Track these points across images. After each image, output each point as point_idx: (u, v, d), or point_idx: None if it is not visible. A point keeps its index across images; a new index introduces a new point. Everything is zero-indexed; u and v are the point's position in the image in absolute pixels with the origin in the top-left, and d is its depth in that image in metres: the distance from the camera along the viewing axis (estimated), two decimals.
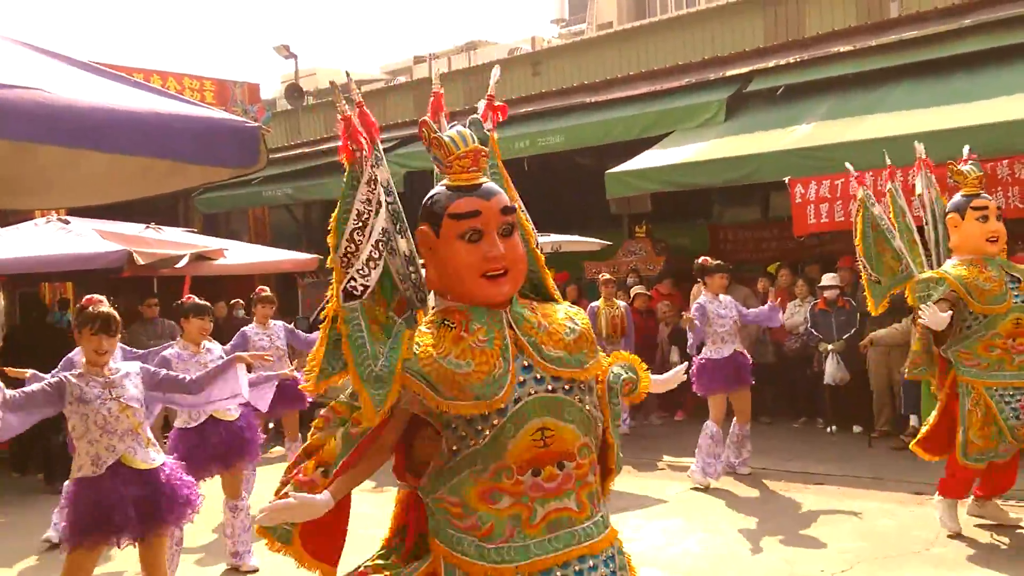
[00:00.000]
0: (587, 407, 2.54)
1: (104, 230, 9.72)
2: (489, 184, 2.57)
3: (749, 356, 8.16)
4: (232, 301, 11.94)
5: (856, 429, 9.49)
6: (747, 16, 14.59)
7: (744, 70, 11.52)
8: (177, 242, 10.31)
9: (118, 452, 4.42)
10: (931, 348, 6.00)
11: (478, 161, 2.55)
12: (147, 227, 10.59)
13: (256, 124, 3.37)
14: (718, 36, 14.56)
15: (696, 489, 7.72)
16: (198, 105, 3.46)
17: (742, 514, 6.89)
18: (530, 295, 2.75)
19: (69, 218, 10.03)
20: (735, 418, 7.98)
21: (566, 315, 2.66)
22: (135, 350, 6.90)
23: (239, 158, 3.28)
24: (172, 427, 6.15)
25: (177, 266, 9.64)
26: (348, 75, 2.77)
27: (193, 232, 12.96)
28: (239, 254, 11.03)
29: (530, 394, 2.45)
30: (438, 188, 2.59)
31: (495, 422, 2.41)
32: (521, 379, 2.46)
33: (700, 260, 8.28)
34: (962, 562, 5.56)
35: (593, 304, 10.41)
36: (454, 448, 2.47)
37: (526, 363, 2.49)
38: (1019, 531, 5.96)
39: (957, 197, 5.91)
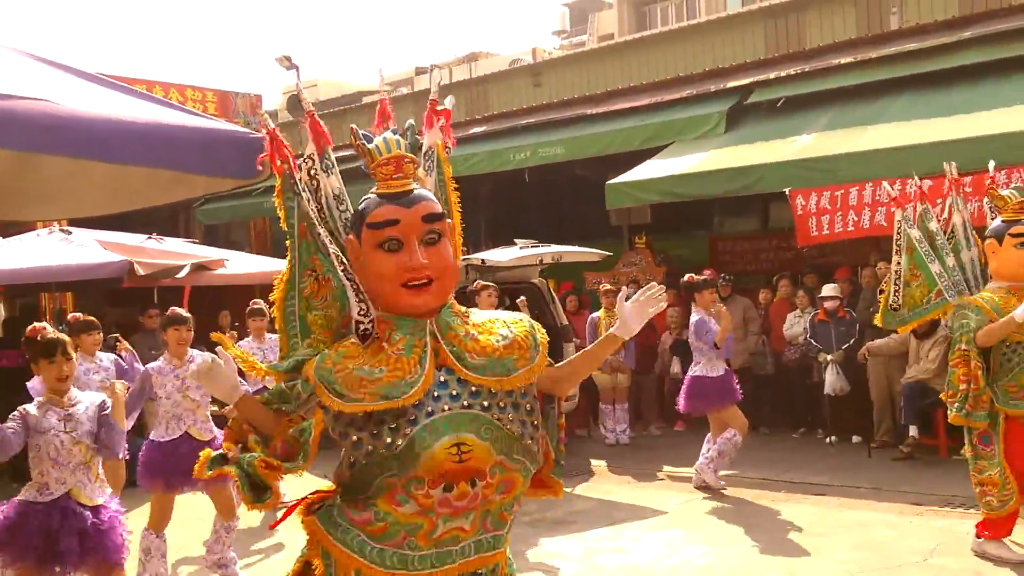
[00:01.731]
0: (508, 424, 2.43)
1: (106, 240, 9.76)
2: (415, 192, 2.51)
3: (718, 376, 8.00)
4: (222, 312, 11.96)
5: (856, 439, 9.49)
6: (748, 28, 14.64)
7: (745, 82, 11.58)
8: (178, 252, 10.34)
9: (68, 485, 4.40)
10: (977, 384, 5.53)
11: (401, 168, 2.50)
12: (148, 237, 10.61)
13: (259, 135, 3.38)
14: (719, 48, 14.60)
15: (703, 495, 7.73)
16: (201, 116, 3.49)
17: (741, 525, 6.89)
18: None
19: (71, 228, 10.06)
20: (726, 431, 7.94)
21: (503, 323, 2.58)
22: (129, 362, 6.92)
23: (242, 169, 3.30)
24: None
25: (177, 276, 9.66)
26: (299, 87, 2.86)
27: (194, 243, 12.98)
28: (240, 264, 11.05)
29: (444, 409, 2.39)
30: (366, 196, 2.57)
31: (406, 431, 2.36)
32: (436, 394, 2.41)
33: (686, 278, 8.25)
34: (961, 572, 5.56)
35: (594, 315, 10.43)
36: (352, 461, 2.43)
37: (444, 377, 2.44)
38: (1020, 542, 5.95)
39: (996, 222, 5.63)
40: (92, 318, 7.14)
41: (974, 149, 8.07)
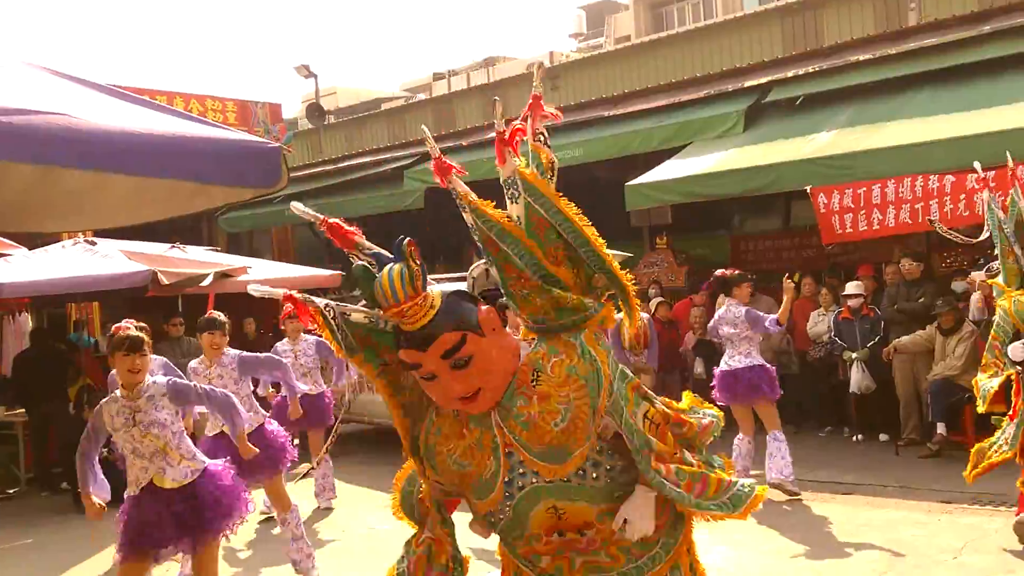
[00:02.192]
0: (594, 482, 2.48)
1: (130, 250, 9.85)
2: (432, 325, 2.38)
3: (772, 368, 8.02)
4: (246, 319, 12.08)
5: (883, 437, 9.43)
6: (765, 27, 14.60)
7: (762, 80, 11.52)
8: (201, 261, 10.42)
9: (149, 473, 4.62)
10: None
11: (404, 315, 2.38)
12: (172, 247, 10.70)
13: (277, 144, 3.41)
14: (736, 47, 14.57)
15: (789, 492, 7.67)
16: (220, 127, 3.52)
17: (768, 526, 6.84)
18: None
19: (96, 239, 10.16)
20: (744, 431, 7.85)
21: (565, 393, 2.45)
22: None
23: (261, 178, 3.33)
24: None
25: (201, 285, 9.73)
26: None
27: (217, 251, 13.08)
28: (262, 271, 11.11)
29: (523, 486, 2.46)
30: None
31: (506, 508, 2.49)
32: (507, 478, 2.47)
33: (718, 273, 8.19)
34: (990, 571, 5.51)
35: (617, 316, 10.38)
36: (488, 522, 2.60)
37: (516, 460, 2.48)
38: None
39: None
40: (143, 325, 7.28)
41: (995, 144, 7.98)
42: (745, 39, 14.66)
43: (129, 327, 4.59)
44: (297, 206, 2.62)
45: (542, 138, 2.67)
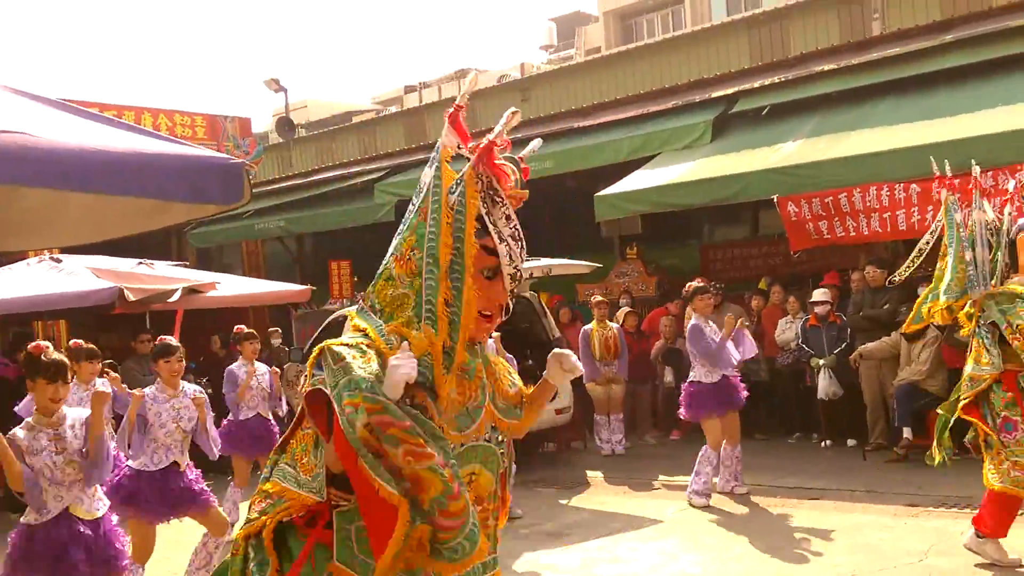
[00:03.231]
0: (503, 460, 2.57)
1: (97, 267, 9.76)
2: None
3: (738, 376, 8.09)
4: (214, 336, 12.03)
5: (850, 443, 9.52)
6: (732, 38, 14.74)
7: (729, 91, 11.65)
8: (169, 277, 10.35)
9: (65, 502, 4.46)
10: None
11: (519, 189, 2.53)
12: (139, 263, 10.62)
13: (239, 160, 3.42)
14: (703, 58, 14.70)
15: (694, 507, 7.73)
16: (181, 143, 3.52)
17: (738, 533, 6.90)
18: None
19: (61, 256, 10.07)
20: (725, 442, 7.92)
21: (503, 367, 2.70)
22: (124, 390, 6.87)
23: (223, 194, 3.32)
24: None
25: (169, 301, 9.67)
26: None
27: (186, 266, 13.00)
28: (231, 286, 11.06)
29: (475, 439, 2.45)
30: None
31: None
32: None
33: (687, 287, 8.28)
34: (956, 573, 5.57)
35: (586, 327, 10.46)
36: None
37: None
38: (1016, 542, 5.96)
39: None
40: (94, 347, 7.17)
41: (958, 151, 8.11)
42: (712, 50, 14.80)
43: (48, 347, 4.39)
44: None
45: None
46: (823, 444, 9.71)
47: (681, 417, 8.26)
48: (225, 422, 7.89)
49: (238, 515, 8.00)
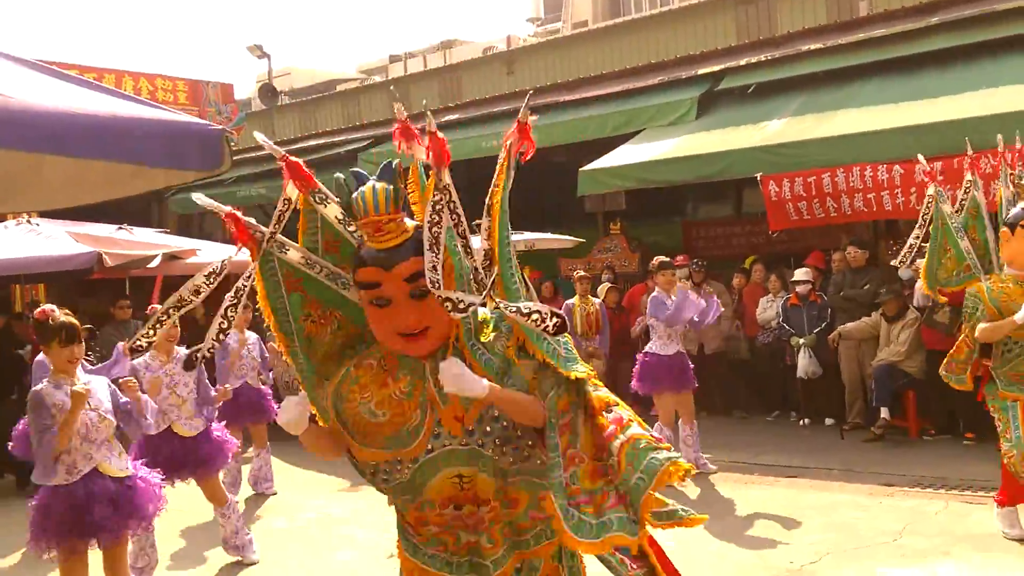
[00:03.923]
0: (501, 458, 2.49)
1: (75, 232, 9.68)
2: (402, 246, 2.40)
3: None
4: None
5: (828, 422, 9.58)
6: (719, 15, 14.69)
7: (716, 68, 11.60)
8: (148, 243, 10.27)
9: (95, 461, 4.50)
10: (972, 358, 5.56)
11: (381, 228, 2.40)
12: (119, 228, 10.54)
13: (220, 127, 3.38)
14: (690, 35, 14.65)
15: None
16: (161, 108, 3.46)
17: (715, 509, 6.93)
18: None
19: (39, 220, 9.97)
20: (681, 420, 7.94)
21: (495, 356, 2.52)
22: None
23: (203, 161, 3.28)
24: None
25: (149, 266, 9.60)
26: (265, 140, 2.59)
27: (166, 233, 12.90)
28: (211, 253, 10.98)
29: (444, 445, 2.47)
30: (360, 242, 2.50)
31: (408, 467, 2.49)
32: (436, 431, 2.47)
33: (654, 261, 8.30)
34: (928, 552, 5.64)
35: (568, 301, 10.45)
36: (376, 477, 2.58)
37: (438, 416, 2.48)
38: (987, 519, 6.02)
39: (1017, 209, 5.40)
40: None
41: (943, 134, 8.14)
42: (700, 27, 14.75)
43: (54, 310, 4.45)
44: (200, 198, 2.61)
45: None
46: (801, 423, 9.77)
47: (633, 389, 8.18)
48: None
49: (240, 485, 8.13)
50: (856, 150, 8.86)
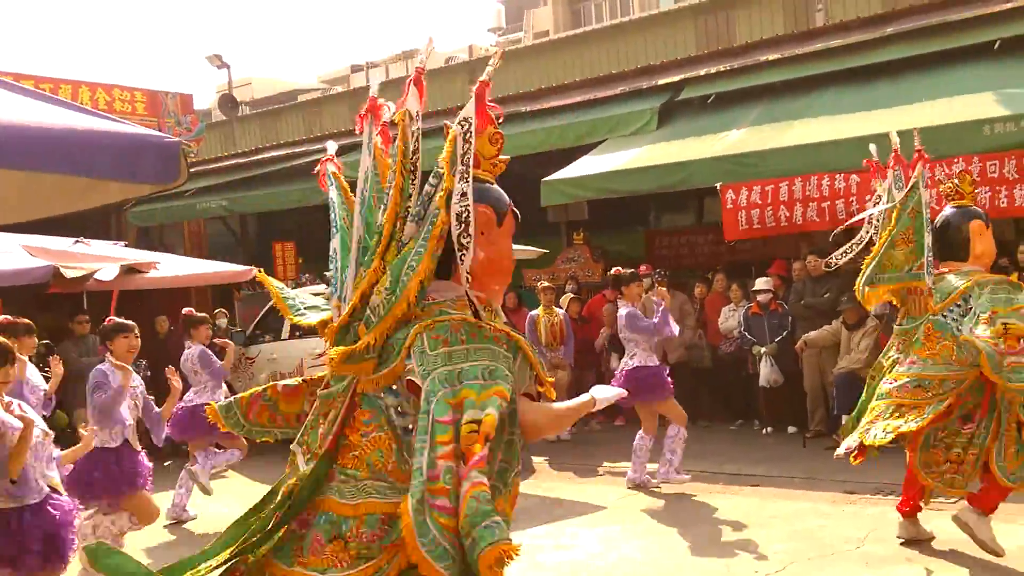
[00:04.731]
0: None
1: (31, 245, 9.49)
2: None
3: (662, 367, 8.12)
4: (158, 317, 11.83)
5: (791, 430, 9.65)
6: (679, 26, 14.82)
7: (676, 78, 11.68)
8: (106, 256, 10.10)
9: (48, 478, 4.41)
10: None
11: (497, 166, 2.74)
12: (76, 241, 10.36)
13: (176, 139, 3.33)
14: (651, 45, 14.75)
15: (635, 490, 7.78)
16: (116, 120, 3.41)
17: (679, 519, 6.95)
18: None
19: None
20: (673, 423, 7.93)
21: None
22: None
23: (159, 174, 3.23)
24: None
25: (106, 279, 9.45)
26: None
27: (125, 245, 12.71)
28: (171, 267, 10.84)
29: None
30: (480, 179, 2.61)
31: None
32: None
33: (612, 271, 8.30)
34: (892, 559, 5.67)
35: (532, 312, 10.45)
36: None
37: None
38: (948, 527, 6.08)
39: (967, 208, 5.52)
40: (28, 321, 6.95)
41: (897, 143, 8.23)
42: (660, 37, 14.86)
43: None
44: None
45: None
46: (764, 431, 9.83)
47: (640, 402, 8.14)
48: (179, 409, 7.65)
49: (188, 499, 7.98)
50: (813, 160, 8.96)
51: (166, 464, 9.56)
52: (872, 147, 6.10)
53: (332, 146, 2.93)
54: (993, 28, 9.53)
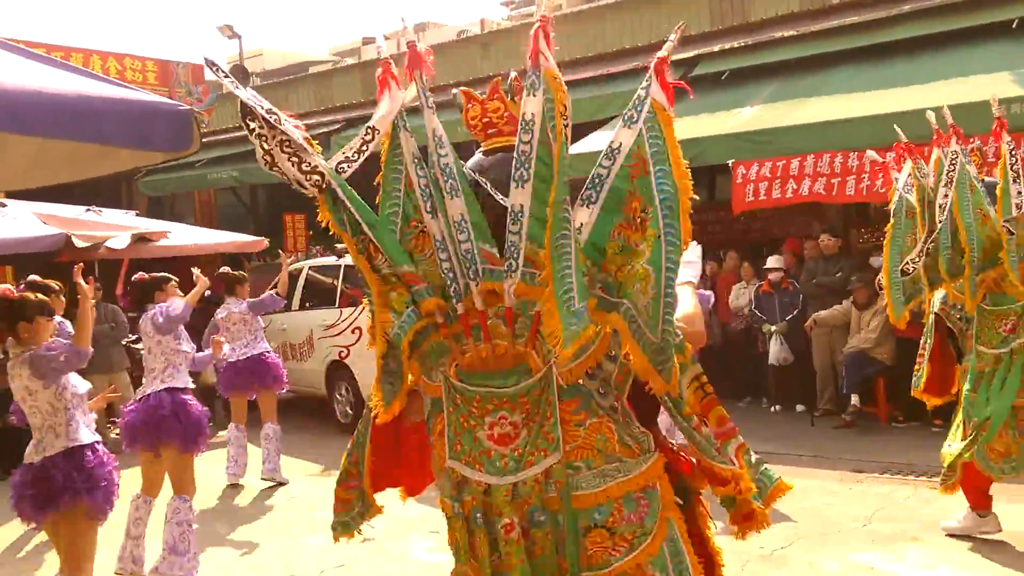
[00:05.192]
0: None
1: (43, 213, 9.54)
2: None
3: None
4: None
5: (799, 408, 9.65)
6: (693, 1, 14.66)
7: (690, 54, 11.59)
8: (117, 224, 10.14)
9: (92, 425, 4.55)
10: None
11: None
12: (87, 210, 10.40)
13: (189, 107, 3.32)
14: (665, 20, 14.60)
15: None
16: (128, 87, 3.40)
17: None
18: None
19: (6, 201, 9.81)
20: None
21: None
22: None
23: (172, 142, 3.22)
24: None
25: (117, 247, 9.48)
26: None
27: (136, 215, 12.75)
28: (182, 236, 10.87)
29: None
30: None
31: None
32: None
33: None
34: (897, 537, 5.69)
35: None
36: None
37: None
38: (954, 507, 6.08)
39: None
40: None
41: (912, 121, 8.14)
42: (674, 12, 14.69)
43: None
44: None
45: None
46: (772, 409, 9.83)
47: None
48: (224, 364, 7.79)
49: (246, 457, 8.14)
50: (827, 138, 8.89)
51: None
52: (897, 128, 5.82)
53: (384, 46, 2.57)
54: (1010, 7, 9.43)
